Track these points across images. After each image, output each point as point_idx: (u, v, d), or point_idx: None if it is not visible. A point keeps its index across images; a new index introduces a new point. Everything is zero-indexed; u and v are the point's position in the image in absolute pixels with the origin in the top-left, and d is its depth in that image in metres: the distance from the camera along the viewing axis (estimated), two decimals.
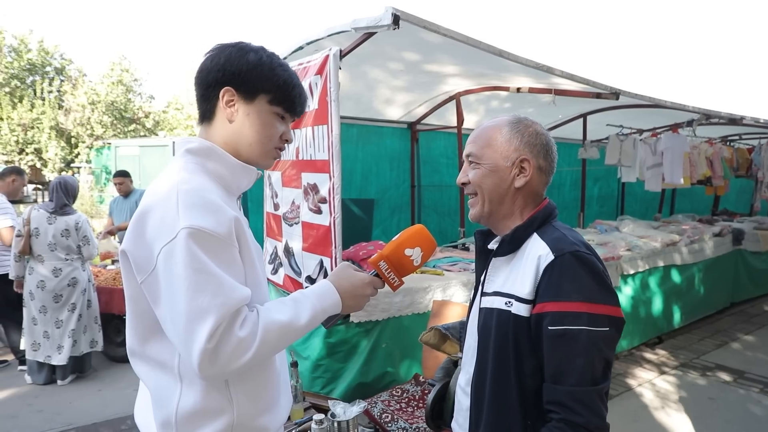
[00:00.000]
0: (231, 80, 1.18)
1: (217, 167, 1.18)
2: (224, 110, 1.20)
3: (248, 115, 1.20)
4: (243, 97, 1.19)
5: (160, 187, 1.11)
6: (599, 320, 1.12)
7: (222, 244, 1.05)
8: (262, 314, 1.08)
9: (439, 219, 6.04)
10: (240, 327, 1.03)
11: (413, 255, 1.27)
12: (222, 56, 1.19)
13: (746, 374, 4.45)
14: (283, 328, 1.09)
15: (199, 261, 1.00)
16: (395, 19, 2.68)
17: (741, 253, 6.62)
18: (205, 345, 0.98)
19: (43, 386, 4.21)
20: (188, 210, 1.03)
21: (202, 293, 1.00)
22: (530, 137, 1.30)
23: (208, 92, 1.20)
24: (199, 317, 0.99)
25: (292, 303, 1.15)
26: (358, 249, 3.87)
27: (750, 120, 5.83)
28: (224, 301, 1.01)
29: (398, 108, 5.16)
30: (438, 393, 2.05)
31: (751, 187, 8.16)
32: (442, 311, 3.03)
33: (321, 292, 1.21)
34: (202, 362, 0.99)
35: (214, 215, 1.05)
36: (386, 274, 1.27)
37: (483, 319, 1.29)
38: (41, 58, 18.33)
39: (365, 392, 3.02)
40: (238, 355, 1.02)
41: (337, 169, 2.98)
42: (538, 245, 1.22)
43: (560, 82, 4.10)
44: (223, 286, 1.02)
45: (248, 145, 1.22)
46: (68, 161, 17.56)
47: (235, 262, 1.09)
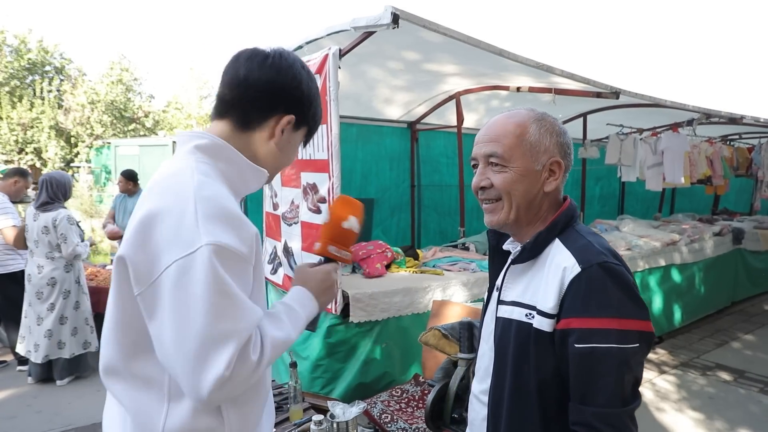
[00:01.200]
0: (297, 109, 1.14)
1: (227, 168, 1.10)
2: (278, 133, 1.14)
3: (289, 143, 1.18)
4: (293, 127, 1.16)
5: (170, 189, 1.00)
6: (629, 336, 1.04)
7: (243, 263, 0.98)
8: (265, 332, 1.02)
9: (439, 219, 6.03)
10: (253, 350, 0.97)
11: (351, 225, 1.26)
12: (298, 77, 1.14)
13: (746, 373, 4.44)
14: (284, 344, 1.05)
15: (224, 282, 0.93)
16: (395, 18, 2.68)
17: (741, 253, 6.61)
18: (223, 372, 0.91)
19: (42, 387, 4.20)
20: (211, 222, 0.94)
21: (225, 318, 0.92)
22: (559, 136, 1.21)
23: (266, 105, 1.12)
24: (218, 343, 0.91)
25: (286, 317, 1.10)
26: (357, 249, 3.87)
27: (750, 119, 5.83)
28: (245, 327, 0.95)
29: (398, 107, 5.15)
30: (438, 394, 2.04)
31: (751, 186, 8.16)
32: (442, 311, 3.02)
33: (302, 301, 1.17)
34: (213, 390, 0.91)
35: (238, 231, 0.98)
36: (337, 255, 1.27)
37: (501, 329, 1.21)
38: (41, 58, 18.34)
39: (365, 392, 3.02)
40: (248, 379, 0.97)
41: (337, 169, 2.97)
42: (562, 254, 1.13)
43: (560, 82, 4.09)
44: (245, 311, 0.96)
45: (275, 167, 1.20)
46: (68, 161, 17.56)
47: (249, 282, 1.02)
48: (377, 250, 3.84)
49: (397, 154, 5.61)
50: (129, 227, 1.00)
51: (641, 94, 4.48)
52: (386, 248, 3.91)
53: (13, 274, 4.43)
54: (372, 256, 3.76)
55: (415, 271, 3.85)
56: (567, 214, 1.21)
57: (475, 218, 6.08)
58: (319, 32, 3.40)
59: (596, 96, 4.14)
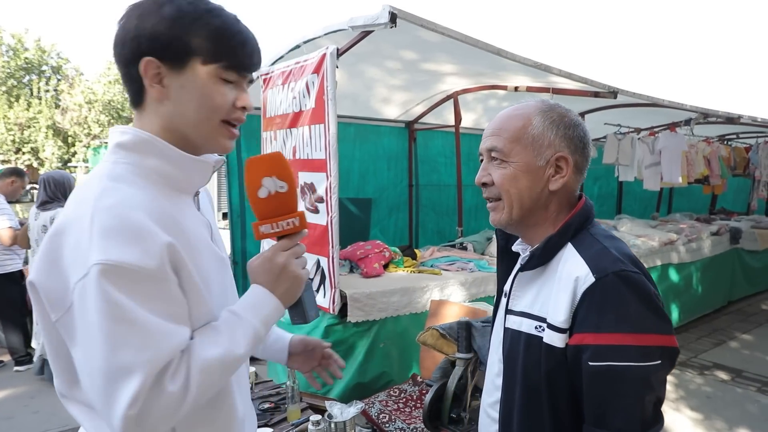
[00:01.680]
0: (150, 48, 0.90)
1: (159, 164, 0.93)
2: (149, 87, 0.92)
3: (183, 88, 0.92)
4: (170, 67, 0.91)
5: (79, 198, 0.87)
6: (650, 353, 0.94)
7: (150, 280, 0.82)
8: (194, 354, 0.86)
9: (437, 218, 6.03)
10: (170, 380, 0.82)
11: (272, 188, 0.97)
12: (133, 19, 0.91)
13: (744, 373, 4.45)
14: (220, 363, 0.88)
15: (118, 306, 0.79)
16: (392, 17, 2.68)
17: (738, 252, 6.63)
18: (126, 412, 0.78)
19: (39, 387, 4.19)
20: (103, 238, 0.80)
21: (124, 348, 0.79)
22: (567, 129, 1.09)
23: (129, 70, 0.92)
24: (120, 377, 0.78)
25: (225, 328, 0.92)
26: (355, 248, 3.86)
27: (747, 119, 5.84)
28: (153, 356, 0.80)
29: (396, 107, 5.15)
30: (435, 394, 2.05)
31: (749, 186, 8.18)
32: (440, 311, 3.02)
33: (255, 302, 0.96)
34: (124, 428, 0.79)
35: (139, 243, 0.82)
36: (279, 229, 1.00)
37: (509, 341, 1.12)
38: (38, 57, 18.30)
39: (363, 392, 3.01)
40: (171, 413, 0.82)
41: (334, 169, 2.97)
42: (575, 262, 1.03)
43: (558, 81, 4.09)
44: (152, 336, 0.81)
45: (193, 126, 0.95)
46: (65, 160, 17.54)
47: (171, 299, 0.86)
48: (375, 249, 3.84)
49: (395, 153, 5.62)
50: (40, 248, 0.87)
51: (639, 93, 4.49)
52: (384, 248, 3.91)
53: (11, 275, 4.42)
54: (370, 256, 3.76)
55: (412, 271, 3.84)
56: (581, 216, 1.10)
57: (473, 218, 6.09)
58: (317, 31, 3.39)
59: (594, 95, 4.15)
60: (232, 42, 0.93)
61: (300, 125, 3.28)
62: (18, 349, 4.52)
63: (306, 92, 3.17)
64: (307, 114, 3.19)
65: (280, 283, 0.98)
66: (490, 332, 1.29)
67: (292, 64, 3.36)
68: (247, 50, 0.96)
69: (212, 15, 0.92)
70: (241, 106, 0.97)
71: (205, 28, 0.91)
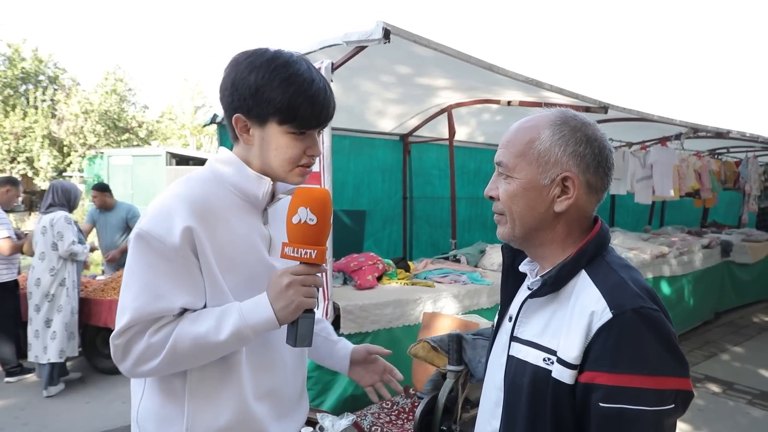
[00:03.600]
0: (240, 106, 1.14)
1: (231, 174, 1.19)
2: (239, 135, 1.18)
3: (263, 140, 1.16)
4: (255, 122, 1.16)
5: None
6: (665, 396, 0.89)
7: (166, 252, 1.06)
8: (182, 323, 1.08)
9: (431, 231, 6.05)
10: (153, 332, 1.06)
11: (303, 217, 1.08)
12: (230, 77, 1.15)
13: (735, 385, 4.48)
14: (197, 339, 1.06)
15: (136, 262, 1.07)
16: (386, 33, 2.72)
17: (729, 265, 6.68)
18: (113, 340, 1.06)
19: (29, 398, 4.17)
20: (150, 213, 1.10)
21: (127, 292, 1.07)
22: (577, 145, 1.00)
23: (226, 116, 1.19)
24: (120, 312, 1.07)
25: (215, 315, 1.09)
26: (349, 260, 3.88)
27: (736, 134, 5.92)
28: (141, 306, 1.05)
29: (390, 120, 5.19)
30: (426, 406, 2.05)
31: (739, 199, 8.26)
32: (433, 323, 3.03)
33: (253, 307, 1.10)
34: (113, 354, 1.07)
35: (167, 222, 1.07)
36: (297, 255, 1.09)
37: (513, 371, 1.04)
38: (35, 67, 18.30)
39: (356, 404, 3.02)
40: (145, 359, 1.06)
41: (328, 181, 3.00)
42: (590, 293, 0.96)
43: (550, 96, 4.15)
44: (147, 292, 1.06)
45: (270, 168, 1.19)
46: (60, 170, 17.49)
47: (180, 272, 1.08)
48: (369, 261, 3.85)
49: (390, 166, 5.65)
50: None
51: (629, 108, 4.55)
52: (377, 260, 3.93)
53: (6, 284, 4.41)
54: (363, 268, 3.77)
55: (406, 283, 3.86)
56: (597, 242, 1.02)
57: (467, 230, 6.12)
58: (312, 45, 3.43)
59: (585, 110, 4.20)
60: (303, 106, 1.13)
61: None
62: (9, 360, 4.50)
63: None
64: None
65: (278, 300, 1.09)
66: (488, 349, 1.23)
67: None
68: (315, 111, 1.15)
69: (289, 83, 1.11)
70: (310, 154, 1.20)
71: (280, 98, 1.11)
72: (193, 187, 1.15)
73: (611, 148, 1.05)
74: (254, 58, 1.14)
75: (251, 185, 1.18)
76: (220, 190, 1.17)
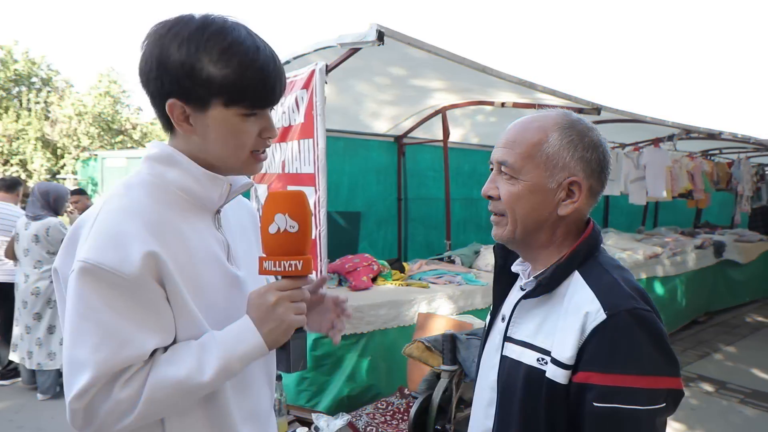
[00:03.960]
0: (173, 90, 0.92)
1: (179, 177, 0.97)
2: (176, 126, 0.96)
3: (207, 127, 0.95)
4: (195, 108, 0.94)
5: (99, 200, 0.97)
6: (657, 396, 0.91)
7: (126, 285, 0.85)
8: (154, 369, 0.88)
9: (426, 232, 6.07)
10: (122, 386, 0.85)
11: (282, 225, 0.95)
12: (154, 56, 0.92)
13: (727, 384, 4.51)
14: (178, 385, 0.88)
15: (87, 304, 0.84)
16: (380, 35, 2.73)
17: (722, 265, 6.73)
18: (70, 403, 0.84)
19: (24, 401, 4.15)
20: (94, 238, 0.87)
21: (82, 344, 0.84)
22: (585, 150, 1.01)
23: (156, 102, 0.96)
24: (74, 369, 0.84)
25: (195, 352, 0.91)
26: (344, 262, 3.89)
27: (728, 135, 5.97)
28: (107, 358, 0.84)
29: (385, 121, 5.21)
30: (420, 406, 2.07)
31: (732, 200, 8.32)
32: (427, 324, 3.05)
33: (237, 335, 0.93)
34: (70, 418, 0.85)
35: (121, 249, 0.86)
36: (280, 269, 0.96)
37: (506, 371, 1.05)
38: (27, 69, 18.21)
39: (351, 405, 3.02)
40: (117, 418, 0.86)
41: (323, 183, 3.01)
42: (584, 294, 0.97)
43: (543, 98, 4.17)
44: (111, 340, 0.84)
45: (220, 159, 0.99)
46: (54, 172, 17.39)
47: (146, 308, 0.88)
48: (363, 263, 3.86)
49: (384, 167, 5.66)
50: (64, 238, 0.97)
51: (621, 110, 4.58)
52: (372, 261, 3.94)
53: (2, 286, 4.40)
54: (358, 269, 3.79)
55: (401, 284, 3.87)
56: (590, 243, 1.04)
57: (462, 231, 6.13)
58: (306, 48, 3.45)
59: (578, 112, 4.23)
60: (252, 81, 0.92)
61: (289, 140, 3.32)
62: (2, 362, 4.48)
63: (295, 107, 3.22)
64: (296, 129, 3.24)
65: (266, 322, 0.94)
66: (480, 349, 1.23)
67: None
68: (268, 86, 0.95)
69: (230, 54, 0.90)
70: (266, 137, 1.00)
71: (222, 70, 0.91)
72: (138, 197, 0.93)
73: (610, 153, 1.07)
74: (179, 28, 0.91)
75: (204, 187, 0.99)
76: (167, 196, 0.97)
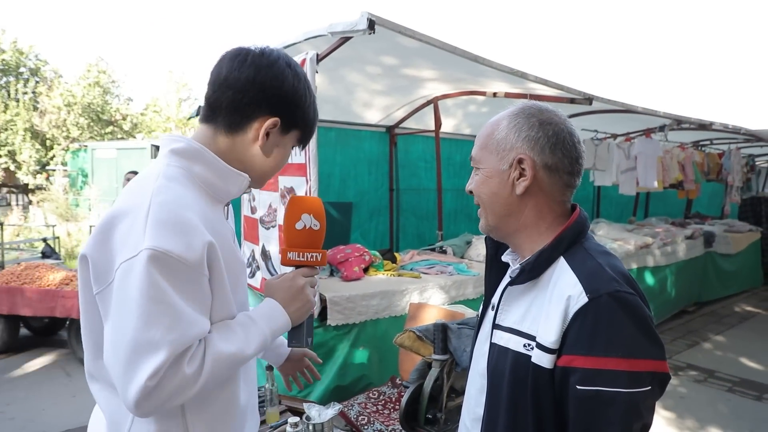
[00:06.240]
0: (279, 110, 1.08)
1: (204, 172, 1.06)
2: (261, 136, 1.08)
3: (278, 147, 1.12)
4: (280, 129, 1.10)
5: (135, 192, 1.00)
6: (641, 379, 0.91)
7: (189, 271, 0.94)
8: (210, 345, 0.97)
9: (418, 222, 6.08)
10: (188, 363, 0.93)
11: (305, 223, 1.17)
12: (263, 73, 1.06)
13: (716, 373, 4.56)
14: (231, 359, 1.00)
15: (158, 288, 0.90)
16: (370, 24, 2.71)
17: (712, 255, 6.79)
18: (145, 382, 0.88)
19: (15, 393, 4.13)
20: (157, 227, 0.92)
21: (156, 325, 0.90)
22: (531, 129, 1.05)
23: (247, 109, 1.07)
24: (146, 350, 0.89)
25: (241, 329, 1.04)
26: (336, 252, 3.88)
27: (719, 125, 5.99)
28: (178, 338, 0.91)
29: (377, 111, 5.19)
30: (412, 395, 2.07)
31: (722, 190, 8.37)
32: (419, 314, 3.05)
33: (269, 314, 1.10)
34: (139, 399, 0.89)
35: (185, 237, 0.94)
36: (304, 259, 1.19)
37: (495, 358, 1.07)
38: (15, 59, 17.96)
39: (343, 395, 3.03)
40: (182, 392, 0.93)
41: (314, 173, 2.99)
42: (567, 279, 0.98)
43: (535, 88, 4.17)
44: (181, 320, 0.92)
45: (262, 172, 1.14)
46: (43, 164, 17.22)
47: (202, 293, 0.98)
48: (355, 253, 3.86)
49: (376, 158, 5.65)
50: (96, 227, 1.00)
51: (613, 100, 4.58)
52: (364, 252, 3.93)
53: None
54: (350, 260, 3.78)
55: (392, 275, 3.87)
56: (575, 229, 1.05)
57: (453, 222, 6.14)
58: (297, 37, 3.42)
59: (570, 102, 4.23)
60: (315, 122, 1.17)
61: None
62: None
63: None
64: None
65: (295, 302, 1.14)
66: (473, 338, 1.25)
67: None
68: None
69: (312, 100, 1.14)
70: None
71: (310, 113, 1.14)
72: (183, 191, 1.01)
73: (571, 131, 1.08)
74: (290, 61, 1.11)
75: (225, 182, 1.09)
76: (196, 188, 1.06)
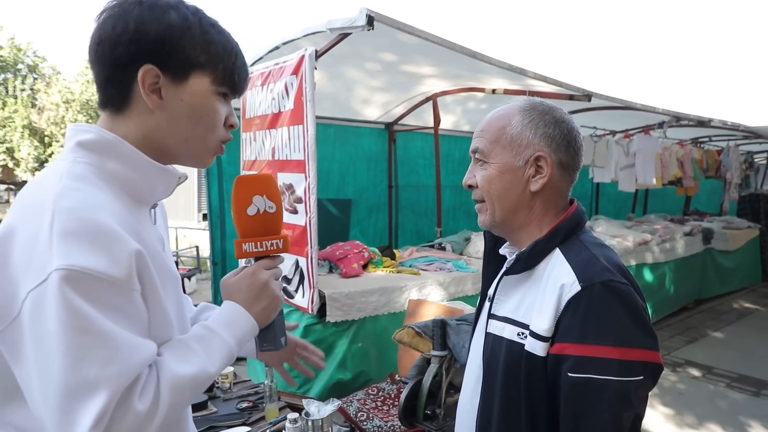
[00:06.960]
0: (152, 55, 0.83)
1: (120, 169, 0.85)
2: (145, 97, 0.85)
3: (181, 101, 0.87)
4: (170, 78, 0.86)
5: (30, 200, 0.78)
6: (632, 368, 0.91)
7: (117, 289, 0.75)
8: (163, 370, 0.79)
9: (417, 219, 6.08)
10: (138, 398, 0.75)
11: (262, 207, 0.97)
12: (130, 19, 0.83)
13: (714, 369, 4.57)
14: (192, 382, 0.82)
15: (83, 316, 0.70)
16: (369, 20, 2.71)
17: (710, 252, 6.80)
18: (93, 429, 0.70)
19: None
20: (67, 240, 0.71)
21: (88, 362, 0.71)
22: (547, 126, 1.06)
23: (119, 73, 0.85)
24: (82, 394, 0.70)
25: (199, 345, 0.86)
26: (334, 249, 3.89)
27: (718, 122, 5.99)
28: (120, 371, 0.72)
29: (376, 108, 5.18)
30: (411, 391, 2.08)
31: (721, 187, 8.38)
32: (418, 310, 3.06)
33: (231, 319, 0.91)
34: None
35: (105, 249, 0.74)
36: (262, 249, 0.98)
37: (490, 347, 1.07)
38: (13, 56, 17.95)
39: (342, 391, 3.04)
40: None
41: (313, 169, 2.99)
42: (561, 269, 0.99)
43: (534, 84, 4.16)
44: (119, 349, 0.73)
45: (184, 141, 0.90)
46: (41, 161, 17.20)
47: (137, 310, 0.79)
48: (354, 250, 3.86)
49: (375, 154, 5.65)
50: None
51: (612, 96, 4.58)
52: (363, 248, 3.93)
53: None
54: (349, 256, 3.78)
55: (391, 271, 3.88)
56: (571, 221, 1.07)
57: (452, 219, 6.15)
58: (296, 33, 3.41)
59: (569, 98, 4.23)
60: (236, 62, 0.91)
61: (279, 126, 3.30)
62: None
63: (285, 93, 3.19)
64: (286, 115, 3.21)
65: (259, 301, 0.94)
66: (471, 333, 1.25)
67: (272, 65, 3.38)
68: (245, 71, 0.94)
69: (217, 31, 0.89)
70: (230, 124, 0.95)
71: (212, 43, 0.87)
72: (95, 193, 0.80)
73: (578, 130, 1.11)
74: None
75: (148, 180, 0.89)
76: (111, 188, 0.84)
